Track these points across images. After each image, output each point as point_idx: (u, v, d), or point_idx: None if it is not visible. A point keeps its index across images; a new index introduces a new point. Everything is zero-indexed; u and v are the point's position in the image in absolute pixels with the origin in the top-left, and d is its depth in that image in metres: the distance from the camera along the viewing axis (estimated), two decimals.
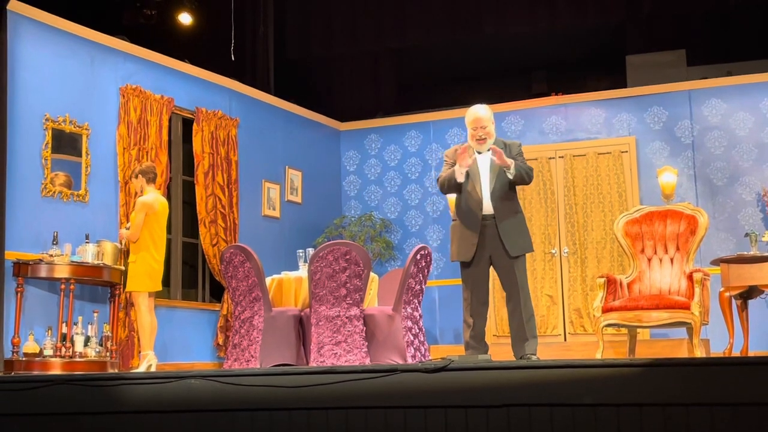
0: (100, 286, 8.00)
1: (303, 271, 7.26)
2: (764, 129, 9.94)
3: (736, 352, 7.51)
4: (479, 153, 6.02)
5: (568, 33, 11.90)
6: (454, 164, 5.99)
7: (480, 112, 6.03)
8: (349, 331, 6.67)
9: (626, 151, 10.42)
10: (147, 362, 7.35)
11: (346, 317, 6.69)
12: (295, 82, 12.11)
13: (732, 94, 10.14)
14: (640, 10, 11.07)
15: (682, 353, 8.35)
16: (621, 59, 11.74)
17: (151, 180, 7.74)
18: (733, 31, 11.92)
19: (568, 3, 11.15)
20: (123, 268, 7.82)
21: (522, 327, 5.91)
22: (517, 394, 3.46)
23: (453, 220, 6.25)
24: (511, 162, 5.90)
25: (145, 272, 7.47)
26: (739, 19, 11.79)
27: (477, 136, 5.99)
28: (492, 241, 5.97)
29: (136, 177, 7.73)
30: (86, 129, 8.20)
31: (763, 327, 8.91)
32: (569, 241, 10.45)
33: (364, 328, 6.75)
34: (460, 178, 5.97)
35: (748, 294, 7.26)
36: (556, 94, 11.22)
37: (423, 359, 6.91)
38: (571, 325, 10.28)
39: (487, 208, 5.99)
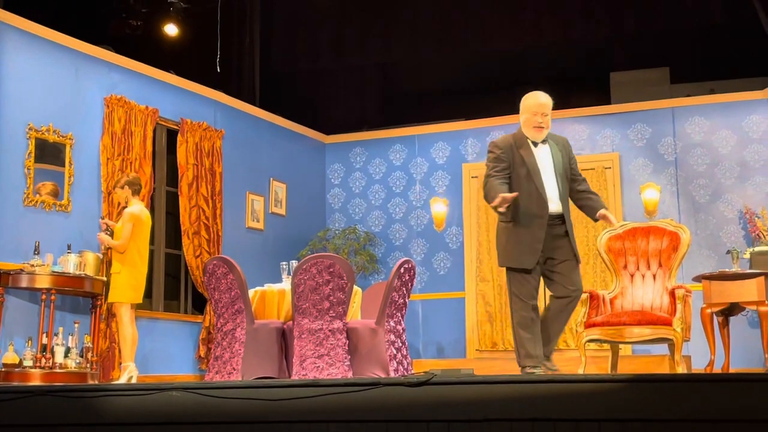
0: (81, 296, 7.95)
1: (286, 284, 7.24)
2: (746, 147, 10.02)
3: (717, 369, 7.54)
4: (534, 144, 5.52)
5: (553, 49, 11.98)
6: (507, 166, 5.44)
7: (543, 98, 5.56)
8: (331, 344, 6.65)
9: (610, 167, 10.48)
10: (128, 374, 7.30)
11: (329, 330, 6.67)
12: (281, 95, 12.12)
13: (715, 112, 10.22)
14: (624, 28, 11.17)
15: (664, 369, 8.37)
16: (605, 76, 11.83)
17: (136, 192, 7.73)
18: (716, 49, 12.04)
19: (553, 20, 11.24)
20: (105, 278, 7.78)
21: (560, 332, 5.59)
22: (500, 408, 3.46)
23: (505, 221, 5.53)
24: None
25: (130, 284, 7.44)
26: (722, 37, 11.91)
27: (536, 123, 5.50)
28: (555, 242, 5.46)
29: (122, 188, 7.69)
30: (70, 139, 8.17)
31: (744, 344, 8.95)
32: None
33: (347, 342, 6.73)
34: (500, 211, 5.36)
35: (730, 311, 7.29)
36: None
37: (406, 373, 6.89)
38: None
39: (554, 207, 5.45)
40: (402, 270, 7.05)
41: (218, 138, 9.82)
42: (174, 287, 9.62)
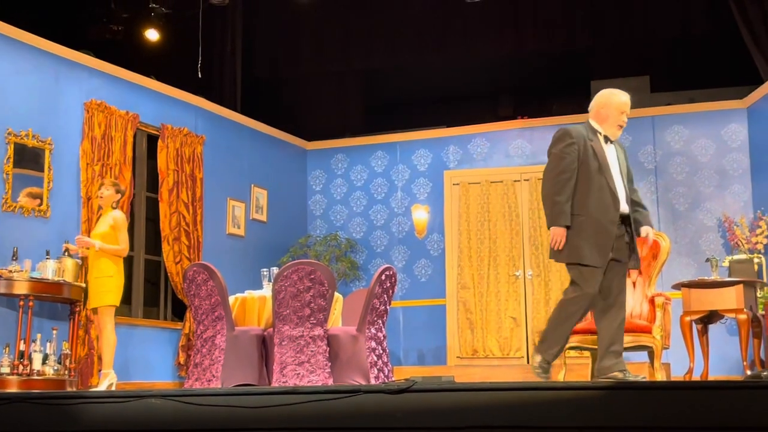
0: (59, 303, 7.88)
1: (267, 291, 7.21)
2: (725, 156, 10.10)
3: (696, 376, 7.58)
4: (609, 142, 5.32)
5: (535, 57, 12.05)
6: (576, 158, 5.16)
7: (627, 96, 5.37)
8: (312, 351, 6.63)
9: None
10: (108, 381, 7.24)
11: (310, 337, 6.65)
12: (263, 101, 12.10)
13: (694, 121, 10.30)
14: (605, 36, 11.24)
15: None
16: (586, 84, 11.89)
17: (118, 200, 7.64)
18: (696, 58, 12.14)
19: (534, 28, 11.29)
20: (84, 285, 7.70)
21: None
22: (480, 415, 3.46)
23: (577, 214, 5.17)
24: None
25: (119, 288, 7.32)
26: (702, 47, 12.01)
27: (621, 122, 5.31)
28: (619, 243, 5.20)
29: (117, 192, 7.51)
30: (49, 144, 8.11)
31: (722, 351, 9.01)
32: (533, 264, 10.51)
33: (328, 349, 6.72)
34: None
35: (709, 318, 7.34)
36: (522, 118, 11.32)
37: (386, 380, 6.88)
38: (535, 348, 10.30)
39: (624, 207, 5.24)
40: (383, 277, 7.05)
41: (199, 144, 9.79)
42: (153, 294, 9.56)
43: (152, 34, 10.63)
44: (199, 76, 10.07)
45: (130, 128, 8.89)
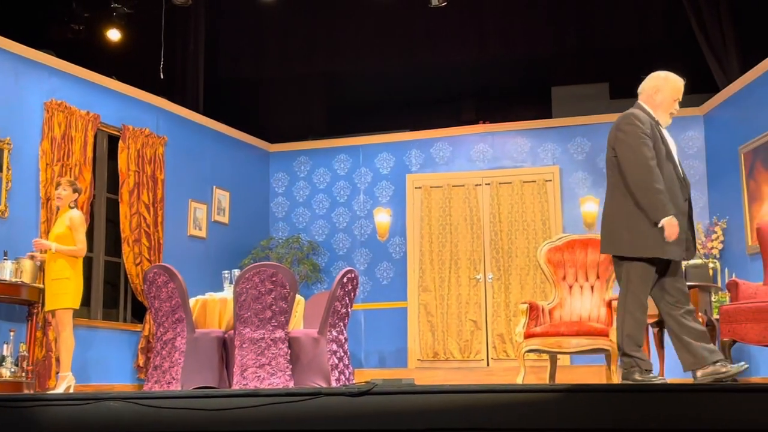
0: (17, 304, 7.78)
1: (228, 293, 7.20)
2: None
3: None
4: (663, 127, 5.01)
5: (497, 63, 12.14)
6: (654, 145, 4.81)
7: (682, 84, 5.09)
8: (273, 353, 6.63)
9: (550, 180, 10.64)
10: (66, 383, 7.16)
11: (271, 340, 6.65)
12: (225, 102, 12.05)
13: None
14: (566, 44, 11.39)
15: (601, 379, 8.52)
16: (547, 90, 12.02)
17: (76, 200, 7.55)
18: (654, 66, 12.27)
19: (497, 34, 11.40)
20: (42, 286, 7.60)
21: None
22: (440, 418, 3.49)
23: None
24: None
25: (77, 290, 7.23)
26: (660, 55, 12.19)
27: (674, 109, 5.05)
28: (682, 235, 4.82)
29: (75, 191, 7.43)
30: (8, 144, 8.02)
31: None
32: (494, 267, 10.60)
33: (289, 351, 6.72)
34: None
35: (664, 322, 7.44)
36: (484, 123, 11.41)
37: (347, 383, 6.90)
38: (494, 350, 10.40)
39: (688, 197, 4.90)
40: (345, 280, 7.07)
41: (161, 145, 9.73)
42: (113, 295, 9.49)
43: (114, 34, 10.54)
44: (162, 76, 10.01)
45: (90, 129, 8.81)
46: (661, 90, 5.03)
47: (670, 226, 4.62)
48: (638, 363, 4.77)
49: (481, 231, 10.74)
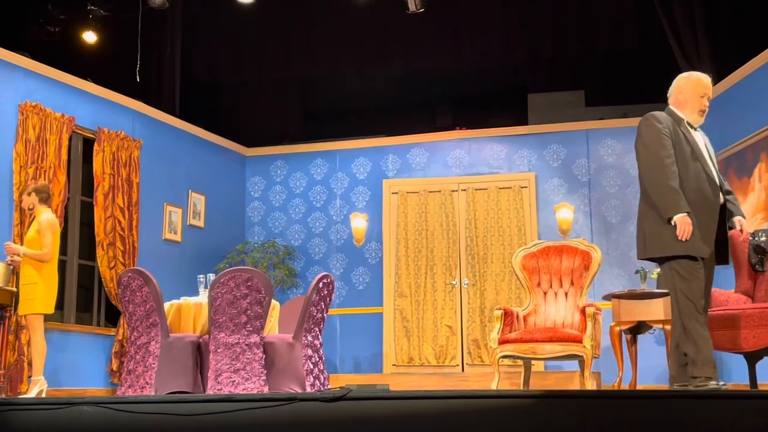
0: None
1: (203, 297, 7.18)
2: None
3: (625, 385, 7.75)
4: (693, 128, 4.94)
5: (473, 70, 12.21)
6: (673, 144, 4.78)
7: (707, 79, 5.00)
8: (248, 358, 6.62)
9: (526, 187, 10.70)
10: (38, 387, 7.10)
11: (246, 344, 6.64)
12: (202, 106, 12.02)
13: (627, 135, 10.53)
14: (542, 51, 11.48)
15: (575, 385, 8.57)
16: (523, 97, 12.10)
17: (44, 200, 7.44)
18: (629, 74, 12.44)
19: (473, 41, 11.47)
20: (15, 289, 7.53)
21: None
22: (415, 423, 3.50)
23: None
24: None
25: (48, 294, 7.18)
26: (634, 63, 12.32)
27: (703, 106, 4.95)
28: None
29: (29, 194, 7.41)
30: None
31: (650, 361, 9.24)
32: (470, 273, 10.63)
33: (264, 356, 6.71)
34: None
35: (637, 329, 7.52)
36: (460, 129, 11.47)
37: (322, 388, 6.90)
38: (469, 356, 10.44)
39: (721, 196, 4.82)
40: (321, 285, 7.07)
41: (136, 148, 9.69)
42: (87, 299, 9.42)
43: (90, 37, 10.48)
44: (138, 79, 9.97)
45: (65, 131, 8.75)
46: (683, 89, 5.00)
47: (683, 223, 4.58)
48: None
49: (457, 237, 10.78)
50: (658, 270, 9.46)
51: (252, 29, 11.88)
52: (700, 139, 4.93)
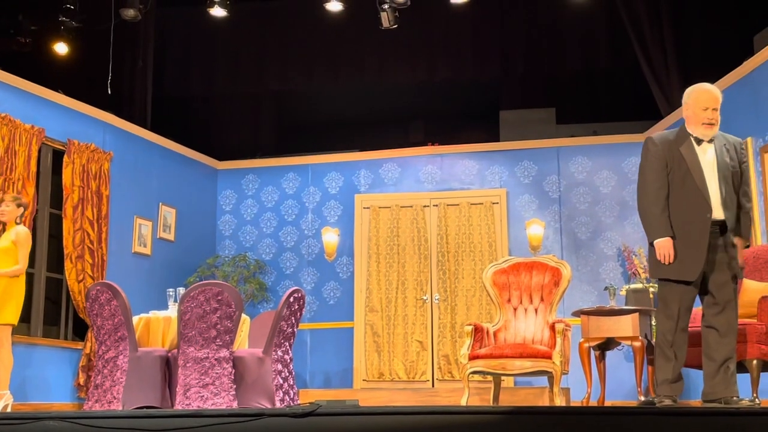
0: None
1: (172, 311, 7.13)
2: (626, 187, 10.47)
3: (593, 401, 7.79)
4: (698, 142, 4.95)
5: (446, 86, 12.29)
6: (666, 165, 4.93)
7: (713, 90, 4.98)
8: (217, 373, 6.58)
9: (497, 203, 10.76)
10: (3, 402, 7.00)
11: (215, 359, 6.60)
12: (173, 119, 11.98)
13: (597, 153, 10.66)
14: (514, 68, 11.58)
15: (544, 401, 8.60)
16: (495, 114, 12.20)
17: (22, 214, 7.41)
18: (600, 93, 12.60)
19: (446, 58, 11.55)
20: None
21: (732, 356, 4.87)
22: None
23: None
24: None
25: (17, 307, 7.08)
26: (605, 82, 12.48)
27: (705, 120, 4.91)
28: (716, 254, 4.89)
29: (18, 206, 7.29)
30: None
31: (618, 377, 9.31)
32: (440, 288, 10.66)
33: (233, 371, 6.67)
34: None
35: (606, 345, 7.56)
36: (432, 144, 11.52)
37: (292, 403, 6.87)
38: (440, 371, 10.45)
39: (717, 212, 4.86)
40: (291, 299, 7.06)
41: (106, 160, 9.62)
42: (54, 312, 9.31)
43: (61, 48, 10.41)
44: (109, 92, 9.91)
45: (35, 143, 8.67)
46: (687, 105, 5.05)
47: (660, 247, 4.89)
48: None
49: (428, 252, 10.81)
50: (627, 286, 9.56)
51: (225, 42, 11.87)
52: (711, 152, 4.95)
